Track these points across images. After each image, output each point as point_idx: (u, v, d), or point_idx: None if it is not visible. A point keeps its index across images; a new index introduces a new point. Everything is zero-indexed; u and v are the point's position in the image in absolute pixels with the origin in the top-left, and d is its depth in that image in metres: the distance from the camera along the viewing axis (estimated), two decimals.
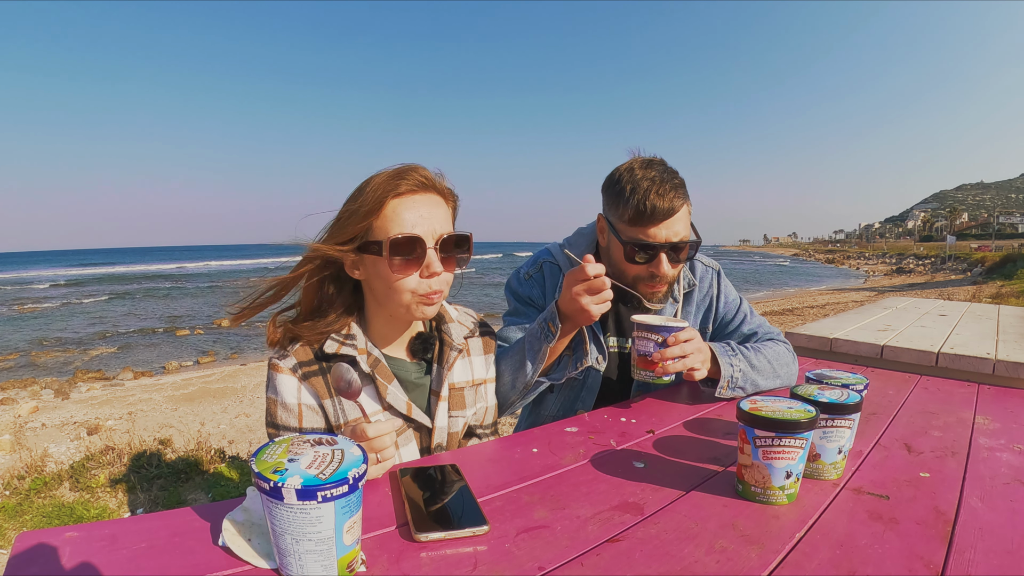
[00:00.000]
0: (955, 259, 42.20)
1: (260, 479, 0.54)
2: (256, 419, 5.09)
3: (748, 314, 1.43)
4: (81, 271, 45.19)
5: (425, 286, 0.91)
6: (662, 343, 1.09)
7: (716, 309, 1.43)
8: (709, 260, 1.48)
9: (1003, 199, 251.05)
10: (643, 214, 1.17)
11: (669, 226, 1.19)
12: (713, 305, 1.43)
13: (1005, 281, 19.70)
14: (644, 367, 1.13)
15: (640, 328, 1.13)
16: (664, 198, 1.17)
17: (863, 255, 76.56)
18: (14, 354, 10.43)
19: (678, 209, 1.19)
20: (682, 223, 1.21)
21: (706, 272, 1.45)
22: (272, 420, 0.94)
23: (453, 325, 1.06)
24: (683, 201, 1.20)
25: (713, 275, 1.45)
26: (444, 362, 1.03)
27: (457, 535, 0.66)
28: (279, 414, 0.93)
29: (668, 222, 1.19)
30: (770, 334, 1.41)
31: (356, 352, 0.95)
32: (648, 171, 1.20)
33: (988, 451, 0.99)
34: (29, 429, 4.78)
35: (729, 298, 1.44)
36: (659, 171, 1.21)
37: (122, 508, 2.92)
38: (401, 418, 0.98)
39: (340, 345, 0.94)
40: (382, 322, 1.00)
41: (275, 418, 0.94)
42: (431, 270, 0.91)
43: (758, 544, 0.66)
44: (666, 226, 1.19)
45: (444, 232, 0.92)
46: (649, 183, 1.18)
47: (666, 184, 1.18)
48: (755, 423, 0.75)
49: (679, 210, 1.19)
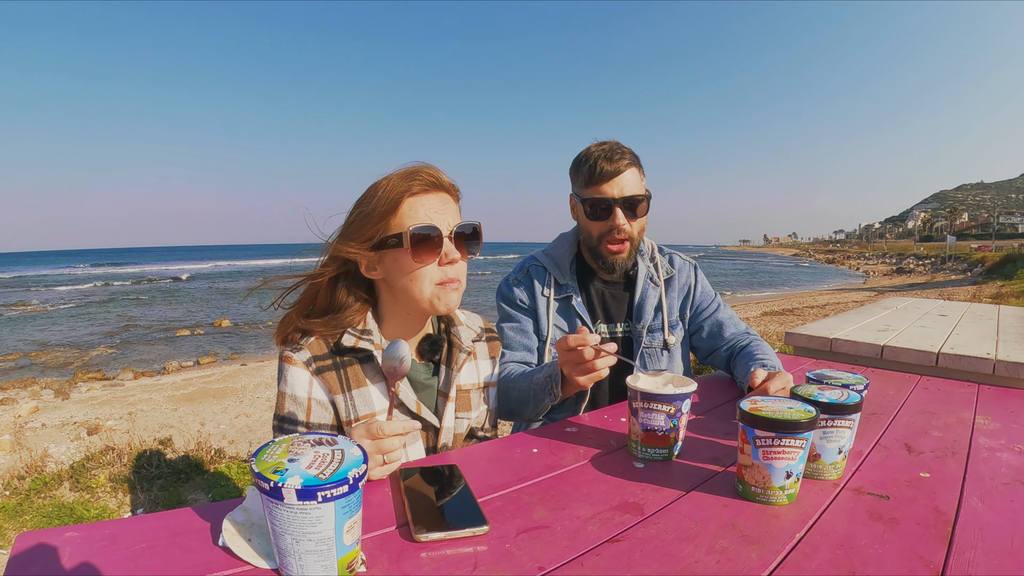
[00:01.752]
0: (955, 259, 42.21)
1: (260, 479, 0.54)
2: (256, 419, 5.09)
3: (721, 305, 1.59)
4: (81, 271, 45.20)
5: (443, 274, 0.96)
6: (675, 414, 0.90)
7: (693, 297, 1.57)
8: (687, 256, 1.62)
9: (1003, 199, 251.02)
10: (595, 175, 1.38)
11: (618, 183, 1.38)
12: (691, 293, 1.57)
13: (1005, 281, 19.70)
14: (653, 444, 0.91)
15: (644, 398, 0.90)
16: (611, 161, 1.37)
17: (863, 255, 76.55)
18: (14, 354, 10.43)
19: (624, 170, 1.38)
20: (631, 183, 1.39)
21: (684, 264, 1.60)
22: (279, 412, 0.95)
23: (462, 328, 1.09)
24: (630, 164, 1.39)
25: (691, 267, 1.60)
26: (453, 364, 1.05)
27: (457, 535, 0.66)
28: (286, 406, 0.95)
29: (617, 179, 1.37)
30: (749, 330, 1.55)
31: (373, 347, 0.96)
32: (601, 145, 1.41)
33: (988, 451, 0.99)
34: (29, 429, 4.78)
35: (705, 289, 1.59)
36: (610, 144, 1.41)
37: (122, 508, 2.92)
38: (410, 416, 0.99)
39: (358, 339, 0.96)
40: (397, 321, 1.02)
41: (281, 410, 0.95)
42: (449, 257, 0.96)
43: (758, 544, 0.66)
44: (616, 183, 1.38)
45: (455, 224, 0.98)
46: (600, 152, 1.39)
47: (614, 152, 1.38)
48: (755, 423, 0.75)
49: (625, 171, 1.38)
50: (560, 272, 1.50)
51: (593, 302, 1.50)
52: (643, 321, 1.48)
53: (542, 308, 1.47)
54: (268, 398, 6.01)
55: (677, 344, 1.53)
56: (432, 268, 0.95)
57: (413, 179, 0.95)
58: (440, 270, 0.96)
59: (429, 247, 0.94)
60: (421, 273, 0.95)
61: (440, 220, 0.95)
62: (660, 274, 1.53)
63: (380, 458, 0.80)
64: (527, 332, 1.46)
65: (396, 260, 0.95)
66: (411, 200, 0.94)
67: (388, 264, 0.96)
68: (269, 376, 7.27)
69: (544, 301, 1.48)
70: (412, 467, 0.85)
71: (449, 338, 1.08)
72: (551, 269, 1.51)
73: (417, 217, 0.94)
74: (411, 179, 0.95)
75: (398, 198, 0.93)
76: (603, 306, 1.51)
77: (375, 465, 0.80)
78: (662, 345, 1.49)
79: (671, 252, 1.60)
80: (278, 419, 0.96)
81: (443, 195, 0.98)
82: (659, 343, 1.49)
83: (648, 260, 1.54)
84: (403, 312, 1.01)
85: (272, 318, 1.04)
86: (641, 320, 1.48)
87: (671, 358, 1.51)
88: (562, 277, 1.49)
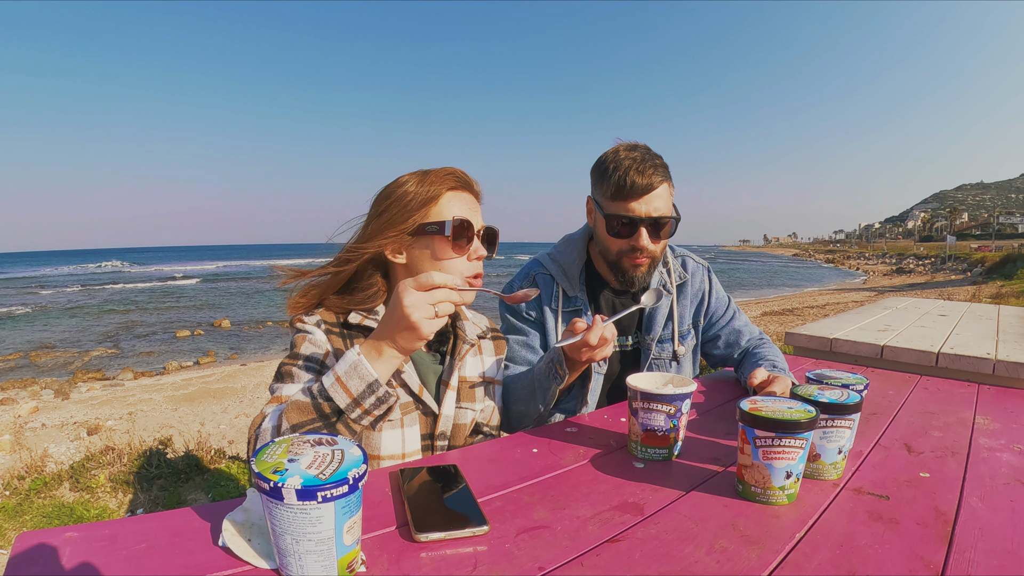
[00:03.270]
0: (955, 259, 42.19)
1: (260, 479, 0.54)
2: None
3: (736, 312, 1.52)
4: (81, 271, 45.19)
5: (471, 268, 1.03)
6: (675, 414, 0.90)
7: (708, 303, 1.50)
8: (699, 258, 1.54)
9: (1003, 199, 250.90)
10: (623, 189, 1.26)
11: (648, 201, 1.27)
12: (705, 299, 1.50)
13: (1005, 281, 19.69)
14: (653, 444, 0.91)
15: (644, 398, 0.91)
16: (643, 175, 1.25)
17: (863, 255, 76.54)
18: (14, 354, 10.42)
19: (657, 186, 1.26)
20: (661, 200, 1.28)
21: (697, 268, 1.52)
22: (294, 352, 0.96)
23: (467, 323, 1.14)
24: (662, 180, 1.28)
25: (704, 271, 1.53)
26: (457, 354, 1.09)
27: (457, 535, 0.66)
28: (304, 345, 0.96)
29: (647, 197, 1.26)
30: (762, 335, 1.50)
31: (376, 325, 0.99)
32: (631, 152, 1.29)
33: (988, 451, 0.99)
34: (29, 429, 4.78)
35: (720, 295, 1.52)
36: (641, 152, 1.29)
37: (122, 508, 2.92)
38: (411, 398, 1.02)
39: (363, 318, 1.00)
40: None
41: (298, 348, 0.96)
42: (477, 253, 1.03)
43: (758, 544, 0.66)
44: (645, 201, 1.27)
45: (483, 225, 1.06)
46: (631, 162, 1.26)
47: (646, 163, 1.26)
48: (755, 423, 0.75)
49: (658, 187, 1.27)
50: (569, 282, 1.42)
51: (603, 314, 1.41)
52: (652, 333, 1.42)
53: (550, 323, 1.40)
54: (268, 398, 6.02)
55: (687, 354, 1.47)
56: (461, 260, 1.02)
57: (452, 176, 1.02)
58: (468, 264, 1.02)
59: (465, 239, 1.01)
60: (451, 263, 1.01)
61: (473, 218, 1.03)
62: (673, 280, 1.47)
63: (431, 310, 0.82)
64: (532, 347, 1.39)
65: (429, 246, 1.01)
66: (450, 194, 1.02)
67: (418, 250, 1.02)
68: (269, 376, 7.25)
69: (552, 315, 1.41)
70: (412, 467, 0.85)
71: (455, 331, 1.12)
72: (559, 278, 1.43)
73: (456, 211, 1.01)
74: (450, 176, 1.02)
75: (439, 190, 1.01)
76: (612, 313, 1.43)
77: (424, 316, 0.81)
78: (671, 356, 1.43)
79: (684, 254, 1.53)
80: (292, 358, 0.96)
81: (473, 197, 1.06)
82: (668, 354, 1.43)
83: (660, 265, 1.46)
84: None
85: (272, 318, 1.05)
86: (651, 332, 1.42)
87: (680, 367, 1.46)
88: (571, 288, 1.42)
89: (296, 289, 1.05)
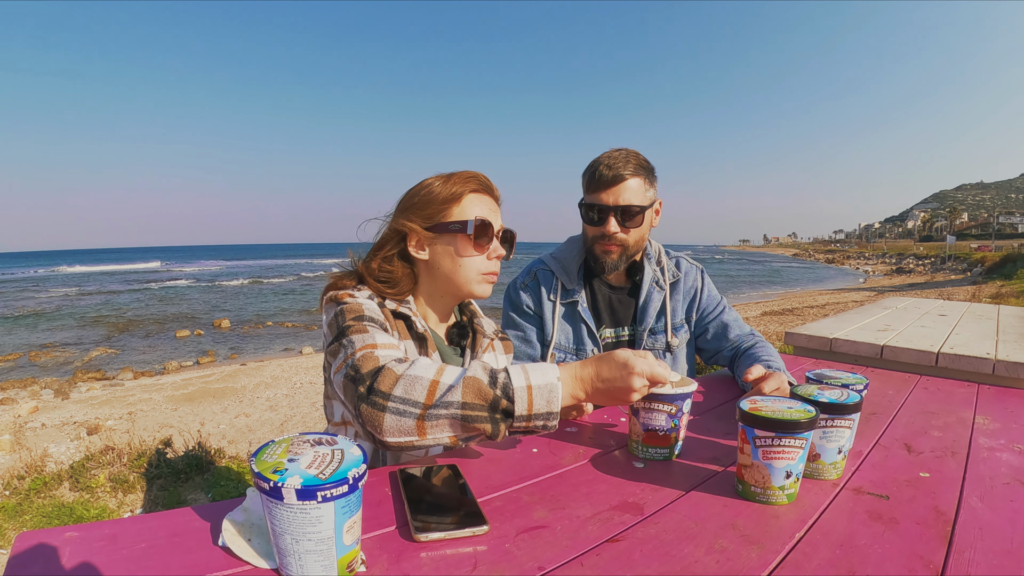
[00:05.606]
0: (955, 259, 42.20)
1: (260, 479, 0.54)
2: (256, 419, 5.09)
3: (726, 308, 1.60)
4: (82, 271, 45.19)
5: (489, 266, 1.07)
6: (676, 414, 0.90)
7: (699, 300, 1.58)
8: (693, 260, 1.63)
9: (1003, 199, 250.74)
10: (594, 180, 1.39)
11: (617, 192, 1.37)
12: (697, 296, 1.58)
13: (1005, 281, 19.70)
14: (654, 443, 0.92)
15: (645, 397, 0.90)
16: (612, 168, 1.36)
17: (863, 255, 76.55)
18: (14, 354, 10.43)
19: (627, 178, 1.37)
20: (631, 192, 1.38)
21: (691, 268, 1.61)
22: (359, 314, 0.92)
23: (484, 320, 1.20)
24: (633, 174, 1.37)
25: (697, 271, 1.61)
26: (477, 349, 1.13)
27: (457, 535, 0.66)
28: (365, 310, 0.94)
29: (616, 188, 1.37)
30: (753, 332, 1.55)
31: (411, 313, 1.03)
32: (611, 152, 1.40)
33: (988, 451, 0.99)
34: (29, 429, 4.78)
35: (712, 293, 1.60)
36: (622, 152, 1.39)
37: (122, 508, 2.92)
38: None
39: (398, 305, 1.03)
40: (433, 303, 1.11)
41: (361, 311, 0.93)
42: (496, 253, 1.08)
43: (758, 544, 0.66)
44: (614, 192, 1.37)
45: (501, 226, 1.10)
46: (606, 158, 1.38)
47: (619, 160, 1.37)
48: (755, 423, 0.75)
49: (628, 179, 1.37)
50: (567, 277, 1.52)
51: (599, 306, 1.52)
52: (645, 324, 1.50)
53: (548, 314, 1.50)
54: (268, 398, 6.01)
55: (681, 346, 1.55)
56: (481, 259, 1.06)
57: (475, 179, 1.07)
58: (487, 262, 1.07)
59: (485, 239, 1.05)
60: (471, 261, 1.05)
61: (494, 219, 1.07)
62: (666, 278, 1.55)
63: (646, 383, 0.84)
64: (531, 341, 1.50)
65: (451, 244, 1.04)
66: (473, 196, 1.06)
67: (439, 248, 1.05)
68: (269, 376, 7.26)
69: (550, 306, 1.51)
70: (412, 467, 0.85)
71: (473, 327, 1.17)
72: (559, 274, 1.53)
73: (478, 211, 1.05)
74: (473, 179, 1.07)
75: (462, 190, 1.05)
76: (609, 310, 1.53)
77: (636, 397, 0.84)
78: (665, 347, 1.51)
79: (678, 256, 1.62)
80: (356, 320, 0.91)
81: (494, 200, 1.11)
82: (662, 345, 1.51)
83: (655, 264, 1.56)
84: (439, 295, 1.10)
85: (272, 318, 1.05)
86: (643, 323, 1.51)
87: (675, 360, 1.53)
88: (569, 282, 1.52)
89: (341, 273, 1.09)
